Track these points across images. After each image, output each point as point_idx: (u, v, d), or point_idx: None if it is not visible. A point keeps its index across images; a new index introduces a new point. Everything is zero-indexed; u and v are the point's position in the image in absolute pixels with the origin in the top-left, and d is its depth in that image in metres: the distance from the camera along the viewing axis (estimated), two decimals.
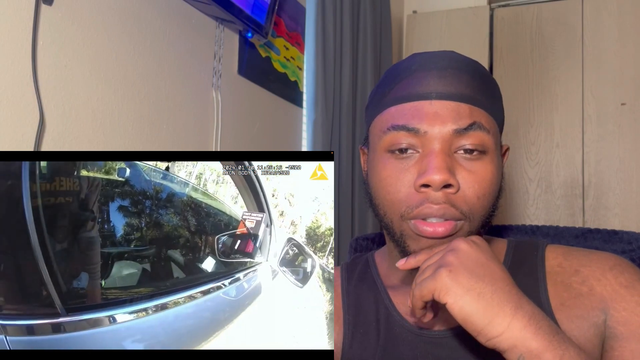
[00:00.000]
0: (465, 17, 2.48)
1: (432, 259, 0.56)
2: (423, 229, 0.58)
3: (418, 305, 0.55)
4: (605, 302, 0.59)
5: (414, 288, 0.55)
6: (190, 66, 1.29)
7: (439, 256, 0.56)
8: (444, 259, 0.54)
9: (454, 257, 0.54)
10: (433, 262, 0.56)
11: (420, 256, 0.59)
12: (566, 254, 0.65)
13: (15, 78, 0.86)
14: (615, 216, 2.18)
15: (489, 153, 0.60)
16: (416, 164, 0.59)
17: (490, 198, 0.60)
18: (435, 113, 0.59)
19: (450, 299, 0.51)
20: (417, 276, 0.56)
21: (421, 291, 0.53)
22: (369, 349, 0.66)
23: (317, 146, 1.65)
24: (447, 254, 0.55)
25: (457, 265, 0.53)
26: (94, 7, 1.01)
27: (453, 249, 0.55)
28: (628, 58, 2.22)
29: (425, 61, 0.63)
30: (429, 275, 0.54)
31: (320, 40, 1.70)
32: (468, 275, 0.52)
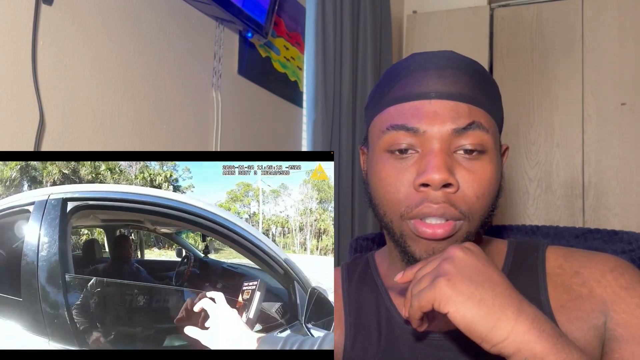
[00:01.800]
0: (465, 17, 2.48)
1: (427, 268, 0.55)
2: (422, 230, 0.58)
3: (416, 316, 0.54)
4: (606, 304, 0.59)
5: (411, 298, 0.54)
6: (190, 66, 1.29)
7: (433, 265, 0.55)
8: (440, 268, 0.53)
9: (451, 265, 0.53)
10: (429, 272, 0.54)
11: (417, 269, 0.57)
12: (566, 255, 0.65)
13: (15, 78, 0.86)
14: (615, 216, 2.18)
15: (489, 152, 0.60)
16: (415, 164, 0.59)
17: (490, 197, 0.60)
18: (434, 112, 0.59)
19: (452, 307, 0.50)
20: (413, 286, 0.55)
21: (420, 302, 0.52)
22: (370, 351, 0.66)
23: (317, 146, 1.65)
24: (443, 263, 0.53)
25: (455, 273, 0.52)
26: (94, 7, 1.01)
27: (448, 257, 0.54)
28: (628, 58, 2.22)
29: (424, 61, 0.63)
30: (427, 285, 0.53)
31: (320, 40, 1.70)
32: (467, 282, 0.51)
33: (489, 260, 0.55)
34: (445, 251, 0.56)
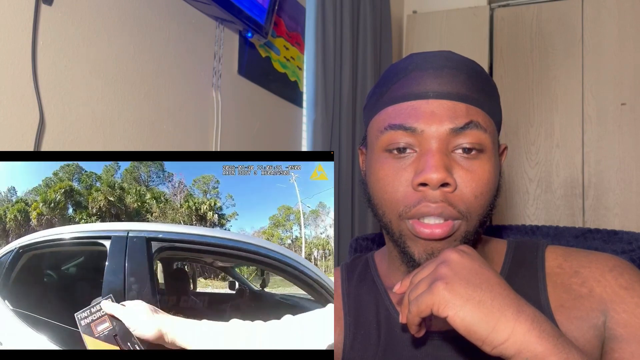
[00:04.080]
0: (465, 17, 2.48)
1: (423, 272, 0.55)
2: (420, 230, 0.58)
3: (415, 322, 0.53)
4: (605, 304, 0.59)
5: (408, 304, 0.53)
6: (190, 66, 1.29)
7: (430, 269, 0.54)
8: (437, 272, 0.52)
9: (447, 268, 0.52)
10: (425, 276, 0.54)
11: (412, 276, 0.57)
12: (566, 255, 0.65)
13: (15, 78, 0.86)
14: (615, 216, 2.18)
15: (487, 152, 0.60)
16: (413, 163, 0.59)
17: (488, 197, 0.60)
18: (432, 112, 0.59)
19: (451, 311, 0.50)
20: (410, 292, 0.54)
21: (418, 307, 0.51)
22: (370, 350, 0.66)
23: (317, 146, 1.65)
24: (440, 267, 0.53)
25: (452, 277, 0.51)
26: (94, 7, 1.01)
27: (444, 260, 0.53)
28: (628, 58, 2.22)
29: (421, 61, 0.63)
30: (424, 290, 0.52)
31: (320, 40, 1.70)
32: (465, 284, 0.51)
33: (484, 261, 0.55)
34: (440, 255, 0.55)
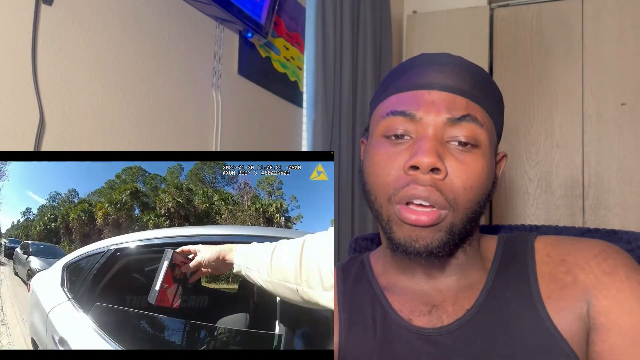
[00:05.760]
0: (465, 17, 2.48)
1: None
2: (406, 215, 0.58)
3: None
4: (588, 292, 0.58)
5: None
6: (190, 66, 1.29)
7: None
8: None
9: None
10: None
11: None
12: (554, 244, 0.64)
13: (15, 78, 0.86)
14: (615, 216, 2.18)
15: (481, 148, 0.61)
16: (408, 149, 0.60)
17: (478, 192, 0.60)
18: (432, 101, 0.61)
19: None
20: None
21: None
22: (366, 346, 0.66)
23: (317, 146, 1.65)
24: None
25: None
26: (94, 7, 1.01)
27: None
28: (628, 58, 2.22)
29: (429, 57, 0.65)
30: None
31: (320, 40, 1.70)
32: None
33: None
34: None
